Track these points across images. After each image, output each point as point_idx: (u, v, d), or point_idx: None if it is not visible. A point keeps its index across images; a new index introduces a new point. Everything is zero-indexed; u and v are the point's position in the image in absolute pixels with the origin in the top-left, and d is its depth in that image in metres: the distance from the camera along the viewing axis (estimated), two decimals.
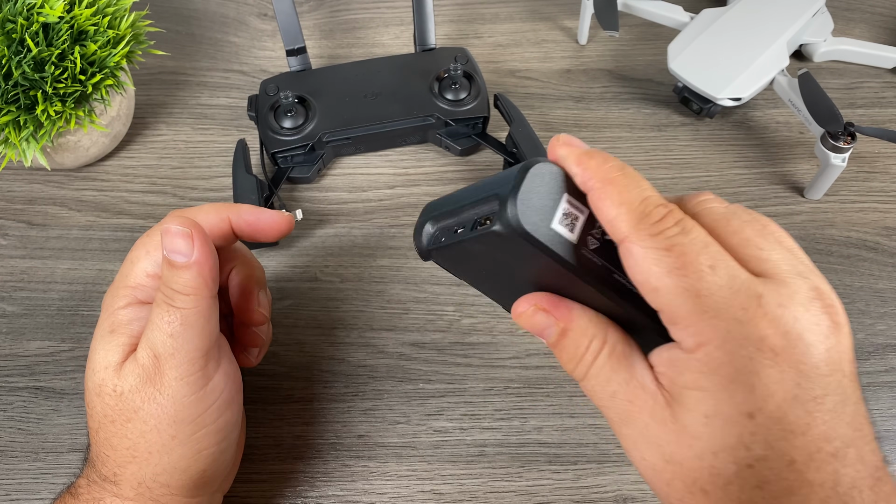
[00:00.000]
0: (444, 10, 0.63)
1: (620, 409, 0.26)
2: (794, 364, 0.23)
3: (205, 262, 0.31)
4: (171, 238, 0.31)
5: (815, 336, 0.24)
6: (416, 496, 0.40)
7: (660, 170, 0.53)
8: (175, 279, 0.31)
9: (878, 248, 0.49)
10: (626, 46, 0.60)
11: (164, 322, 0.31)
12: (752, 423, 0.23)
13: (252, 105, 0.52)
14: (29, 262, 0.48)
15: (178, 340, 0.31)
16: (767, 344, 0.23)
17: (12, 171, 0.53)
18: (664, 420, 0.25)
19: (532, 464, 0.41)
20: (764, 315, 0.23)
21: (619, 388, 0.26)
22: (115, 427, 0.31)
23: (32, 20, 0.43)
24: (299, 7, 0.63)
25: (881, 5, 0.63)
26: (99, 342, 0.32)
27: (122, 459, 0.31)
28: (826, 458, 0.24)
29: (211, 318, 0.32)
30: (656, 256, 0.24)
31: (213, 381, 0.32)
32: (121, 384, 0.31)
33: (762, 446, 0.23)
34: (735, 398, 0.23)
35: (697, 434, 0.24)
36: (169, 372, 0.31)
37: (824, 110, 0.47)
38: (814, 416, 0.23)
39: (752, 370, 0.23)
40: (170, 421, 0.31)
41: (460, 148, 0.52)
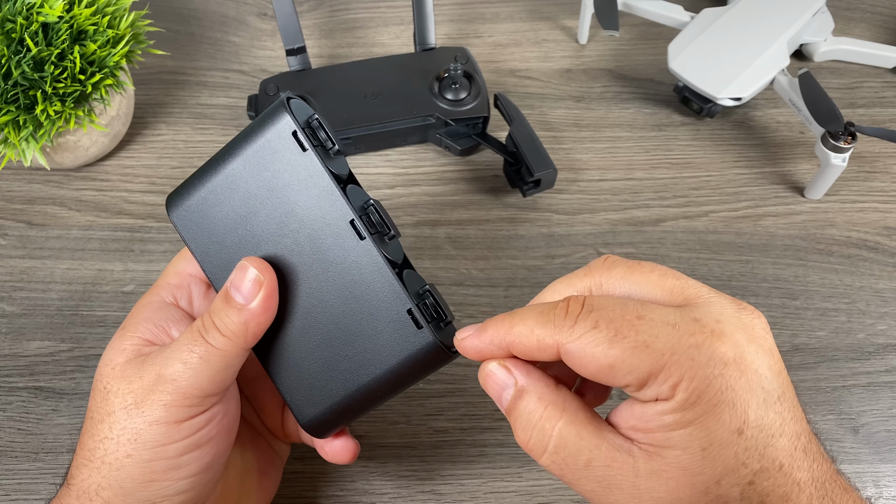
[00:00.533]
0: (444, 9, 0.63)
1: (600, 477, 0.25)
2: (754, 370, 0.24)
3: (259, 315, 0.30)
4: (241, 275, 0.30)
5: (758, 340, 0.25)
6: (416, 496, 0.40)
7: (660, 170, 0.53)
8: (221, 314, 0.30)
9: (878, 248, 0.49)
10: (627, 46, 0.60)
11: (185, 348, 0.30)
12: (743, 439, 0.24)
13: (252, 105, 0.52)
14: (28, 262, 0.48)
15: (187, 371, 0.29)
16: (727, 358, 0.24)
17: (12, 171, 0.53)
18: (654, 472, 0.24)
19: (532, 464, 0.41)
20: (711, 334, 0.24)
21: (592, 456, 0.25)
22: (90, 424, 0.30)
23: (32, 20, 0.43)
24: (299, 7, 0.63)
25: (881, 5, 0.63)
26: (113, 338, 0.32)
27: (81, 461, 0.30)
28: (801, 455, 0.24)
29: (230, 367, 0.30)
30: (590, 339, 0.24)
31: (193, 422, 0.30)
32: (112, 384, 0.30)
33: (757, 458, 0.24)
34: (723, 419, 0.23)
35: (698, 470, 0.24)
36: (158, 394, 0.29)
37: (825, 110, 0.47)
38: (783, 415, 0.24)
39: (727, 387, 0.24)
40: (132, 438, 0.29)
41: (460, 148, 0.52)
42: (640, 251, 0.48)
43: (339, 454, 0.34)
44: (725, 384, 0.24)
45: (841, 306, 0.46)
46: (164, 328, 0.32)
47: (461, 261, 0.48)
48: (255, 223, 0.31)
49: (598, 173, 0.52)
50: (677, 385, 0.24)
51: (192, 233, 0.32)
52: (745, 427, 0.24)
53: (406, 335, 0.30)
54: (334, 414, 0.32)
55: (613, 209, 0.51)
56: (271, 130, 0.30)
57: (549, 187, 0.51)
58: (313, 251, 0.30)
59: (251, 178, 0.30)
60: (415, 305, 0.30)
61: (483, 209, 0.51)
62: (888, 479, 0.40)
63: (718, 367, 0.24)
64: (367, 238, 0.30)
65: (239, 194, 0.31)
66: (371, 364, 0.30)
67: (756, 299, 0.46)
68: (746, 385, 0.24)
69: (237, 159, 0.31)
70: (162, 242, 0.49)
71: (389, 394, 0.31)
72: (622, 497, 0.25)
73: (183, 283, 0.33)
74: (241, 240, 0.31)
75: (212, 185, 0.31)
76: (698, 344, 0.24)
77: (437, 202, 0.51)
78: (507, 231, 0.50)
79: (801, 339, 0.45)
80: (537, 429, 0.26)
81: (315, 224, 0.30)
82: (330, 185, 0.30)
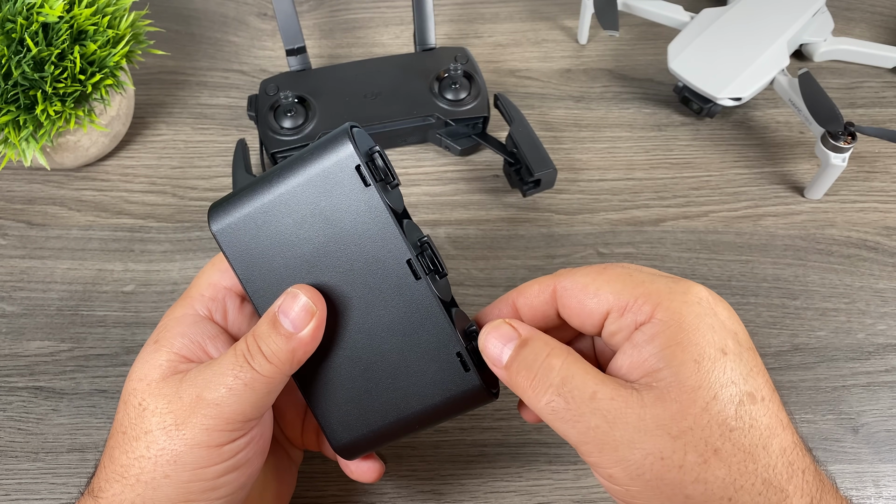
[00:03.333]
0: (444, 9, 0.63)
1: (605, 411, 0.26)
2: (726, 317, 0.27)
3: (307, 345, 0.30)
4: (292, 302, 0.29)
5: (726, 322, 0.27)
6: (416, 496, 0.40)
7: (660, 170, 0.53)
8: (268, 340, 0.29)
9: (878, 247, 0.49)
10: (627, 46, 0.60)
11: (229, 372, 0.29)
12: (728, 359, 0.26)
13: (252, 105, 0.52)
14: (28, 261, 0.48)
15: (231, 397, 0.29)
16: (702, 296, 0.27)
17: (12, 171, 0.53)
18: (657, 398, 0.25)
19: (532, 464, 0.41)
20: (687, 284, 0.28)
21: (598, 388, 0.26)
22: (124, 440, 0.30)
23: (32, 20, 0.43)
24: (299, 7, 0.63)
25: (881, 5, 0.63)
26: (143, 351, 0.31)
27: (112, 475, 0.30)
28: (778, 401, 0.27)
29: (273, 393, 0.30)
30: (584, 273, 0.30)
31: (233, 445, 0.30)
32: (148, 401, 0.30)
33: (742, 380, 0.26)
34: (707, 338, 0.26)
35: (695, 384, 0.25)
36: (200, 417, 0.29)
37: (824, 110, 0.47)
38: (756, 361, 0.27)
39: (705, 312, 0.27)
40: (171, 459, 0.29)
41: (460, 148, 0.52)
42: (639, 251, 0.48)
43: (366, 474, 0.35)
44: (703, 310, 0.26)
45: (841, 306, 0.46)
46: (200, 344, 0.31)
47: (461, 261, 0.48)
48: (305, 249, 0.30)
49: (597, 173, 0.52)
50: (657, 306, 0.27)
51: (235, 250, 0.31)
52: (727, 350, 0.26)
53: (453, 375, 0.31)
54: (367, 441, 0.32)
55: (613, 209, 0.51)
56: (333, 160, 0.29)
57: (549, 187, 0.51)
58: (365, 284, 0.30)
59: (307, 205, 0.30)
60: (465, 349, 0.30)
61: (483, 209, 0.51)
62: (888, 478, 0.40)
63: (694, 299, 0.27)
64: (422, 278, 0.30)
65: (292, 219, 0.30)
66: (413, 398, 0.31)
67: (756, 299, 0.46)
68: (723, 320, 0.27)
69: (294, 183, 0.30)
70: (162, 242, 0.49)
71: (425, 427, 0.32)
72: (626, 431, 0.25)
73: (217, 295, 0.33)
74: (289, 264, 0.30)
75: (263, 205, 0.30)
76: (675, 283, 0.27)
77: (437, 202, 0.51)
78: (507, 231, 0.50)
79: (801, 339, 0.45)
80: (543, 366, 0.27)
81: (370, 258, 0.30)
82: (389, 222, 0.30)
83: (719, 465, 0.25)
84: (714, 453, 0.25)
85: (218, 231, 0.31)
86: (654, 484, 0.25)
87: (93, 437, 0.41)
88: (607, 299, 0.28)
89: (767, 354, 0.44)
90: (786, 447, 0.25)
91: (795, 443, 0.26)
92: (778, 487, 0.25)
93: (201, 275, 0.33)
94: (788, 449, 0.25)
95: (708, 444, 0.25)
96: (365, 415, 0.32)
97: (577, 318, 0.30)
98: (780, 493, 0.25)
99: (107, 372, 0.44)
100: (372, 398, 0.31)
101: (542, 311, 0.31)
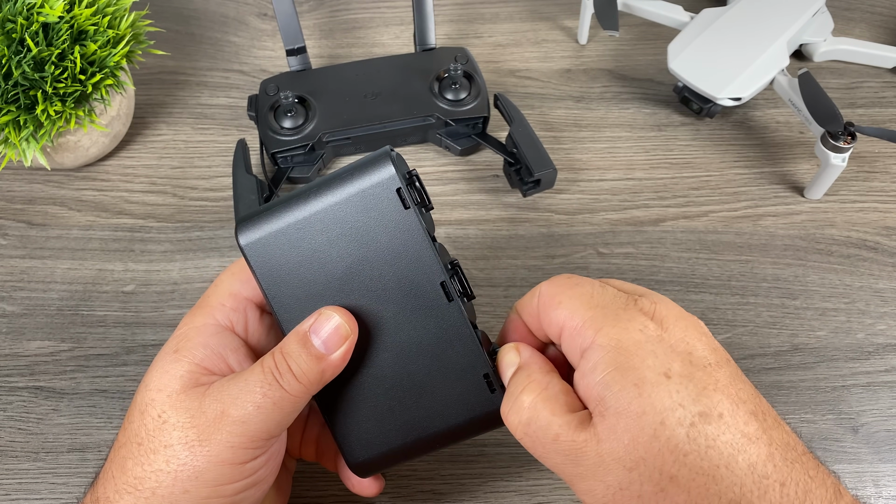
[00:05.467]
0: (444, 10, 0.63)
1: (566, 451, 0.26)
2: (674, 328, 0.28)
3: (336, 367, 0.30)
4: (325, 323, 0.29)
5: (685, 318, 0.28)
6: (416, 496, 0.40)
7: (660, 170, 0.53)
8: (299, 359, 0.29)
9: (878, 247, 0.49)
10: (626, 46, 0.60)
11: (257, 390, 0.29)
12: (672, 382, 0.26)
13: (252, 105, 0.52)
14: (29, 261, 0.48)
15: (259, 414, 0.28)
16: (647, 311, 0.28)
17: (12, 171, 0.53)
18: (609, 431, 0.26)
19: (532, 463, 0.41)
20: (636, 300, 0.29)
21: (560, 431, 0.27)
22: (139, 451, 0.29)
23: (32, 20, 0.43)
24: (299, 7, 0.63)
25: (881, 5, 0.63)
26: (161, 360, 0.31)
27: (124, 487, 0.29)
28: (744, 410, 0.27)
29: (297, 412, 0.30)
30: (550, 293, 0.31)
31: (255, 462, 0.30)
32: (169, 413, 0.29)
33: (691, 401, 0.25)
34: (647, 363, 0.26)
35: (639, 410, 0.25)
36: (225, 434, 0.28)
37: (824, 110, 0.47)
38: (714, 369, 0.27)
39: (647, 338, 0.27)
40: (192, 475, 0.28)
41: (460, 148, 0.52)
42: (639, 251, 0.48)
43: (368, 489, 0.35)
44: (644, 337, 0.27)
45: (840, 306, 0.46)
46: (222, 355, 0.31)
47: (461, 261, 0.48)
48: (337, 268, 0.30)
49: (597, 173, 0.52)
50: (598, 331, 0.27)
51: (264, 265, 0.30)
52: (671, 373, 0.26)
53: (478, 397, 0.31)
54: (384, 459, 0.32)
55: (613, 209, 0.51)
56: (375, 181, 0.29)
57: (549, 187, 0.51)
58: (396, 304, 0.30)
59: (343, 224, 0.30)
60: (492, 370, 0.31)
61: (483, 209, 0.51)
62: (888, 478, 0.40)
63: (637, 326, 0.27)
64: (455, 300, 0.30)
65: (326, 236, 0.30)
66: (436, 418, 0.31)
67: (756, 299, 0.46)
68: (673, 343, 0.27)
69: (331, 202, 0.30)
70: (162, 242, 0.49)
71: (442, 447, 0.32)
72: (588, 468, 0.26)
73: (239, 306, 0.32)
74: (319, 282, 0.30)
75: (297, 221, 0.30)
76: (625, 310, 0.28)
77: (437, 202, 0.51)
78: (507, 231, 0.50)
79: (800, 339, 0.45)
80: (516, 403, 0.28)
81: (402, 279, 0.30)
82: (426, 244, 0.30)
83: (677, 491, 0.24)
84: (670, 480, 0.24)
85: (247, 245, 0.30)
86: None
87: (93, 437, 0.41)
88: (564, 315, 0.28)
89: (767, 354, 0.44)
90: (755, 462, 0.25)
91: (771, 454, 0.25)
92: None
93: (221, 283, 0.33)
94: (759, 463, 0.25)
95: (662, 472, 0.25)
96: (384, 433, 0.32)
97: (545, 328, 0.30)
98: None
99: (107, 372, 0.44)
100: (394, 417, 0.31)
101: (537, 319, 0.31)
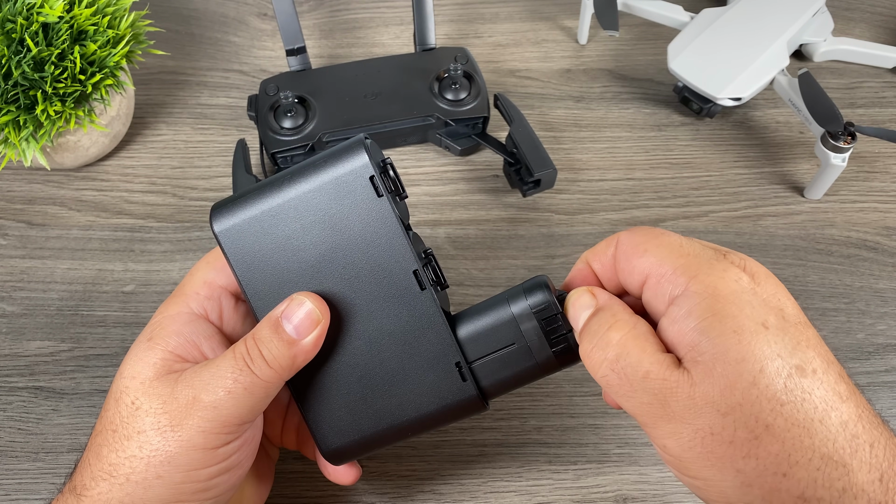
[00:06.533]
0: (444, 9, 0.63)
1: (656, 390, 0.26)
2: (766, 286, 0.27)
3: (308, 352, 0.30)
4: (296, 309, 0.30)
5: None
6: (415, 496, 0.40)
7: (660, 170, 0.53)
8: (270, 344, 0.29)
9: (878, 247, 0.49)
10: (626, 46, 0.60)
11: (228, 375, 0.29)
12: (770, 333, 0.25)
13: (252, 105, 0.52)
14: (29, 261, 0.48)
15: (230, 399, 0.29)
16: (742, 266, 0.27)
17: (12, 171, 0.53)
18: (705, 375, 0.25)
19: (532, 464, 0.41)
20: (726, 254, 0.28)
21: (652, 368, 0.26)
22: (113, 438, 0.29)
23: (32, 20, 0.43)
24: (299, 7, 0.63)
25: (881, 5, 0.63)
26: (135, 348, 0.31)
27: (99, 473, 0.29)
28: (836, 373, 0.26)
29: (269, 397, 0.30)
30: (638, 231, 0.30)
31: (228, 447, 0.30)
32: (142, 400, 0.29)
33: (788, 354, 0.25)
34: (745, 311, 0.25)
35: (739, 356, 0.25)
36: (196, 419, 0.29)
37: (824, 110, 0.47)
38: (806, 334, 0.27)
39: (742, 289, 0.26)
40: (165, 460, 0.29)
41: (460, 148, 0.52)
42: None
43: (343, 477, 0.35)
44: (740, 287, 0.26)
45: (841, 306, 0.46)
46: (196, 343, 0.31)
47: (461, 261, 0.48)
48: (310, 255, 0.30)
49: (597, 173, 0.52)
50: (692, 279, 0.26)
51: (238, 252, 0.31)
52: (768, 324, 0.25)
53: (450, 385, 0.31)
54: (358, 446, 0.32)
55: (613, 209, 0.51)
56: (348, 169, 0.30)
57: (549, 187, 0.51)
58: (368, 292, 0.31)
59: (316, 211, 0.30)
60: (464, 360, 0.31)
61: (483, 209, 0.51)
62: None
63: (732, 276, 0.26)
64: (427, 289, 0.30)
65: (299, 224, 0.30)
66: (408, 405, 0.31)
67: None
68: (766, 297, 0.26)
69: (305, 189, 0.30)
70: (162, 242, 0.49)
71: (414, 435, 0.33)
72: (677, 410, 0.25)
73: (213, 295, 0.32)
74: (292, 269, 0.31)
75: (270, 208, 0.30)
76: (717, 261, 0.27)
77: (437, 202, 0.51)
78: (506, 231, 0.50)
79: None
80: (603, 339, 0.27)
81: (375, 267, 0.30)
82: (399, 232, 0.30)
83: (771, 440, 0.24)
84: (766, 429, 0.24)
85: (221, 232, 0.31)
86: (704, 457, 0.25)
87: None
88: (650, 263, 0.28)
89: None
90: (847, 420, 0.24)
91: (860, 415, 0.25)
92: (839, 462, 0.24)
93: (195, 272, 0.33)
94: (850, 422, 0.24)
95: (758, 420, 0.24)
96: (357, 421, 0.32)
97: (624, 276, 0.29)
98: (842, 468, 0.24)
99: (107, 372, 0.44)
100: (366, 404, 0.32)
101: (612, 268, 0.30)
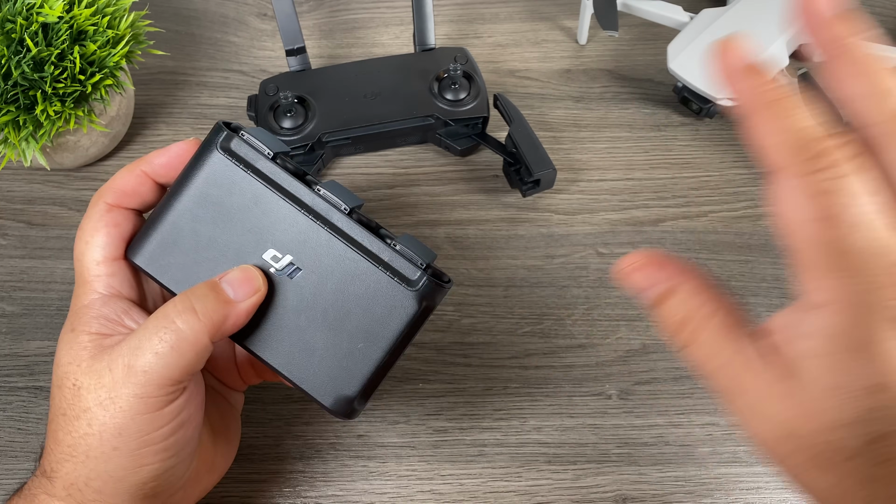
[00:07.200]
0: (443, 10, 0.63)
1: (729, 383, 0.25)
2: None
3: (240, 317, 0.31)
4: (238, 273, 0.31)
5: None
6: (415, 496, 0.40)
7: (660, 170, 0.53)
8: (205, 299, 0.30)
9: None
10: (626, 46, 0.60)
11: (155, 338, 0.29)
12: (875, 398, 0.22)
13: (251, 105, 0.52)
14: (29, 261, 0.48)
15: (158, 361, 0.29)
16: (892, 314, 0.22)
17: (12, 171, 0.53)
18: (781, 394, 0.23)
19: (531, 463, 0.41)
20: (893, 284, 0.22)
21: (726, 363, 0.25)
22: (64, 421, 0.30)
23: (32, 20, 0.43)
24: (299, 7, 0.63)
25: (881, 5, 0.63)
26: (62, 341, 0.32)
27: (61, 456, 0.31)
28: None
29: (200, 358, 0.30)
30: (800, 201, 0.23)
31: (173, 406, 0.30)
32: (82, 380, 0.30)
33: (887, 422, 0.22)
34: (856, 369, 0.22)
35: (820, 409, 0.23)
36: (130, 387, 0.29)
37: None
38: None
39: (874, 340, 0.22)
40: (115, 432, 0.29)
41: (460, 148, 0.52)
42: None
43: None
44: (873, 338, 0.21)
45: None
46: (118, 320, 0.32)
47: (461, 261, 0.48)
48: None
49: (597, 173, 0.52)
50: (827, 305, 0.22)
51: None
52: (881, 388, 0.22)
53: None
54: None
55: (613, 209, 0.51)
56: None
57: (549, 187, 0.51)
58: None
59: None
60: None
61: (483, 209, 0.51)
62: None
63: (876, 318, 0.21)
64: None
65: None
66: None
67: (756, 299, 0.46)
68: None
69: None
70: None
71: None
72: (744, 406, 0.24)
73: (113, 270, 0.33)
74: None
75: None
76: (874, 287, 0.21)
77: (436, 202, 0.51)
78: (506, 231, 0.50)
79: None
80: (677, 324, 0.26)
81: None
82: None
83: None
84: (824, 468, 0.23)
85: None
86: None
87: None
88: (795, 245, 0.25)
89: None
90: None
91: None
92: None
93: (82, 257, 0.33)
94: None
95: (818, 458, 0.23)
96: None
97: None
98: None
99: None
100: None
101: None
